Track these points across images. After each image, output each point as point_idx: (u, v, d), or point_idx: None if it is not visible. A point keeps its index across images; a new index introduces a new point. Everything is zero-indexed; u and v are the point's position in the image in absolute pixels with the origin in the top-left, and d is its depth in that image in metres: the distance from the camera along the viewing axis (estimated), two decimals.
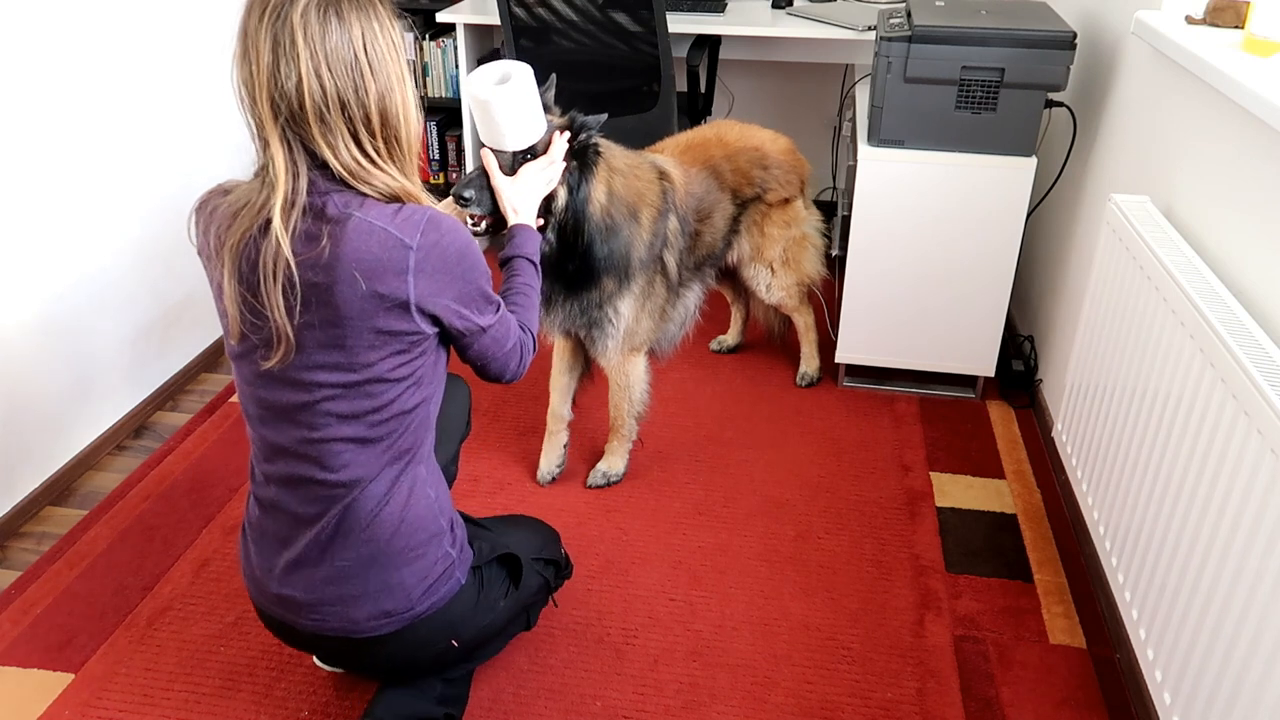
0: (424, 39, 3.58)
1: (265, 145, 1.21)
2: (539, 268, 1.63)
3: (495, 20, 2.93)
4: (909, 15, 2.40)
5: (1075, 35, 2.22)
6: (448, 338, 1.38)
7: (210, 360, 2.87)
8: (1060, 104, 2.37)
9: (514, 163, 1.77)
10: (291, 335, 1.24)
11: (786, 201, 2.49)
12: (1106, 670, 1.81)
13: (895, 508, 2.25)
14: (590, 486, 2.28)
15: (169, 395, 2.71)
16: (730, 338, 2.91)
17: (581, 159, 1.88)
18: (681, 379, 2.76)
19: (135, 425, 2.58)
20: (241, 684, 1.79)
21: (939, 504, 2.26)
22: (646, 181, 2.07)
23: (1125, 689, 1.75)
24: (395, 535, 1.38)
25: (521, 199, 1.72)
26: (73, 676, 1.81)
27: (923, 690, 1.78)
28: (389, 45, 1.24)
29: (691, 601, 1.98)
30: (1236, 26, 1.77)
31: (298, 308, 1.23)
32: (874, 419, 2.58)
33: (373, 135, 1.23)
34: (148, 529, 2.19)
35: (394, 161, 1.27)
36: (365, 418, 1.32)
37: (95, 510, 2.26)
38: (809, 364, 2.73)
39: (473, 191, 1.75)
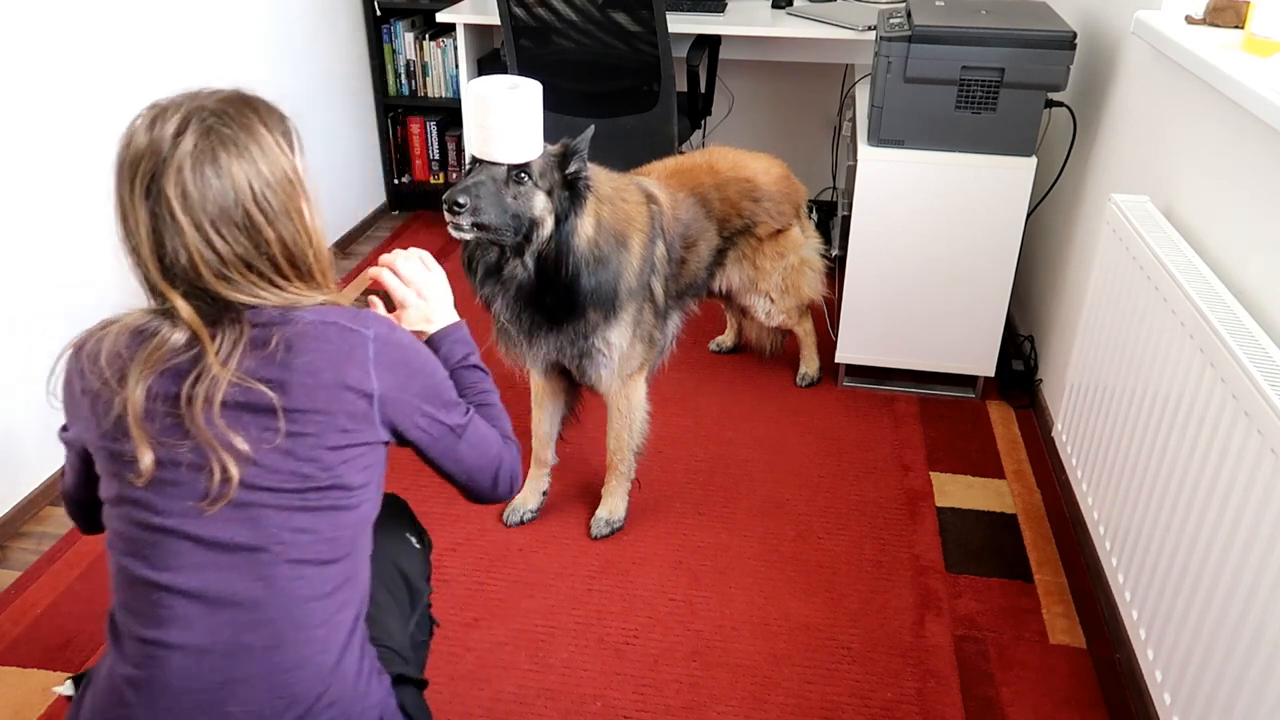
0: (424, 39, 3.58)
1: (165, 301, 1.07)
2: (486, 370, 1.40)
3: (495, 20, 2.93)
4: (909, 15, 2.40)
5: (1075, 35, 2.22)
6: (412, 448, 1.20)
7: None
8: (1060, 104, 2.37)
9: (507, 177, 1.69)
10: (245, 447, 1.06)
11: (780, 232, 2.44)
12: (1106, 670, 1.81)
13: (895, 508, 2.25)
14: (596, 538, 2.14)
15: None
16: (728, 338, 2.91)
17: (572, 190, 1.81)
18: (681, 379, 2.76)
19: None
20: None
21: (939, 504, 2.26)
22: (634, 204, 2.00)
23: (1125, 689, 1.75)
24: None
25: (425, 303, 1.38)
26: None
27: (923, 690, 1.78)
28: (278, 177, 1.09)
29: (691, 601, 1.98)
30: (1236, 26, 1.77)
31: (244, 414, 1.07)
32: (874, 419, 2.58)
33: (285, 277, 1.11)
34: None
35: (312, 283, 1.15)
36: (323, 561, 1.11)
37: None
38: (809, 364, 2.73)
39: (466, 199, 1.64)
